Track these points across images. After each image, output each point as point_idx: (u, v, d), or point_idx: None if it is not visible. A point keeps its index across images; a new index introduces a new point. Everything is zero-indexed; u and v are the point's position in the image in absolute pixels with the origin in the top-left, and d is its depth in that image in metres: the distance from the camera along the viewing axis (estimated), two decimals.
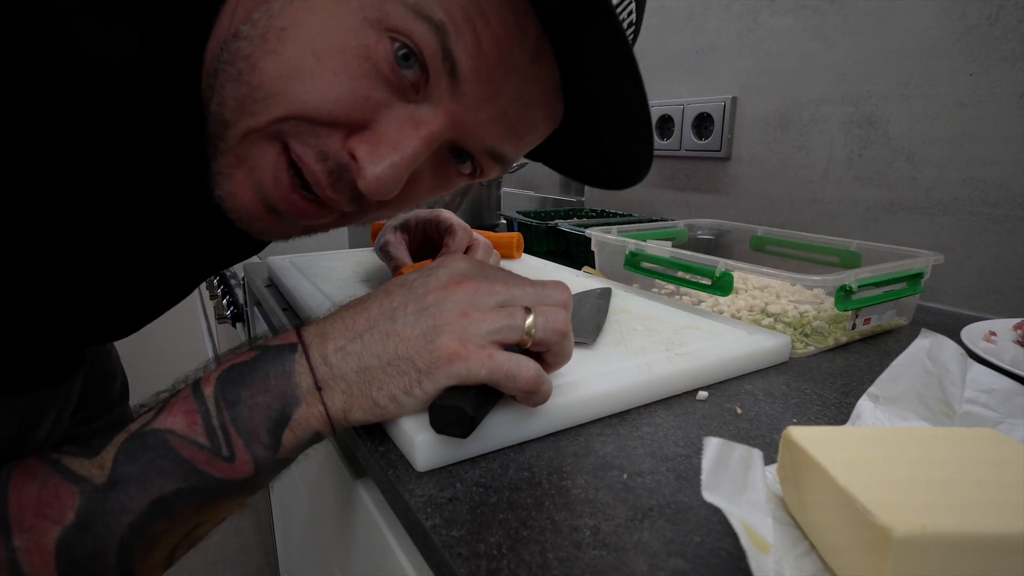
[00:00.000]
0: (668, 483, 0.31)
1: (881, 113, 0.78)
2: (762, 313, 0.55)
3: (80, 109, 0.28)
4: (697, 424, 0.38)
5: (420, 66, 0.31)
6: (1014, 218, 0.67)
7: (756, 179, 0.96)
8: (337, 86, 0.31)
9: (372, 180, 0.32)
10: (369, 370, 0.31)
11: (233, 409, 0.30)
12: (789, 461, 0.28)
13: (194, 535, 0.31)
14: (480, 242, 0.63)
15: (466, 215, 1.10)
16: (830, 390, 0.44)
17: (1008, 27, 0.65)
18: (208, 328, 1.91)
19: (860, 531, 0.22)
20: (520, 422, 0.35)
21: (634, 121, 0.33)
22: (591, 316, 0.51)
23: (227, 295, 1.12)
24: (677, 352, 0.45)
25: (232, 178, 0.33)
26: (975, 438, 0.28)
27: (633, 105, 0.32)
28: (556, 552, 0.26)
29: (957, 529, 0.21)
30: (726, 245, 0.81)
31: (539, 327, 0.32)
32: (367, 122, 0.32)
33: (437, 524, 0.28)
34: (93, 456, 0.29)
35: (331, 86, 0.31)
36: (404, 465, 0.33)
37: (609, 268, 0.71)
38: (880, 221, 0.79)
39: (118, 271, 0.34)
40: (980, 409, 0.37)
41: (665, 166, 1.12)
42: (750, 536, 0.23)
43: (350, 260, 0.76)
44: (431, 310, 0.32)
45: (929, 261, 0.58)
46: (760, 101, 0.93)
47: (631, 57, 0.29)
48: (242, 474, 0.30)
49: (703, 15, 1.01)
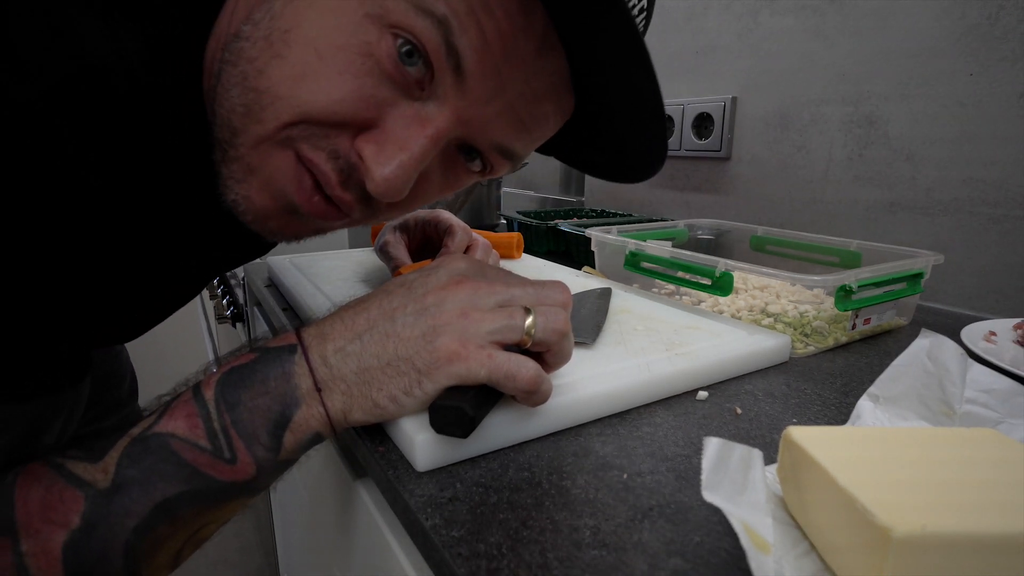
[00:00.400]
0: (668, 483, 0.31)
1: (881, 113, 0.78)
2: (762, 313, 0.55)
3: (80, 111, 0.28)
4: (697, 424, 0.38)
5: (424, 62, 0.31)
6: (1014, 218, 0.67)
7: (756, 179, 0.95)
8: (342, 86, 0.30)
9: (381, 181, 0.31)
10: (369, 371, 0.31)
11: (234, 412, 0.30)
12: (789, 461, 0.28)
13: (198, 536, 0.31)
14: (479, 242, 0.63)
15: (466, 215, 1.10)
16: (830, 390, 0.44)
17: (1008, 27, 0.65)
18: (208, 328, 1.91)
19: (860, 531, 0.22)
20: (520, 422, 0.35)
21: (646, 113, 0.33)
22: (591, 316, 0.51)
23: (227, 295, 1.12)
24: (677, 352, 0.45)
25: (246, 183, 0.33)
26: (975, 438, 0.28)
27: (645, 96, 0.31)
28: (556, 552, 0.26)
29: (957, 529, 0.21)
30: (726, 245, 0.81)
31: (539, 327, 0.32)
32: (373, 121, 0.32)
33: (437, 524, 0.28)
34: (96, 460, 0.29)
35: (336, 86, 0.30)
36: (404, 465, 0.33)
37: (609, 268, 0.71)
38: (880, 221, 0.79)
39: (123, 274, 0.34)
40: (980, 409, 0.37)
41: (665, 166, 1.11)
42: (750, 536, 0.23)
43: (350, 260, 0.76)
44: (431, 310, 0.32)
45: (929, 261, 0.58)
46: (760, 101, 0.93)
47: (642, 47, 0.28)
48: (244, 476, 0.30)
49: (703, 15, 1.01)
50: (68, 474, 0.29)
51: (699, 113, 1.02)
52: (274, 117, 0.31)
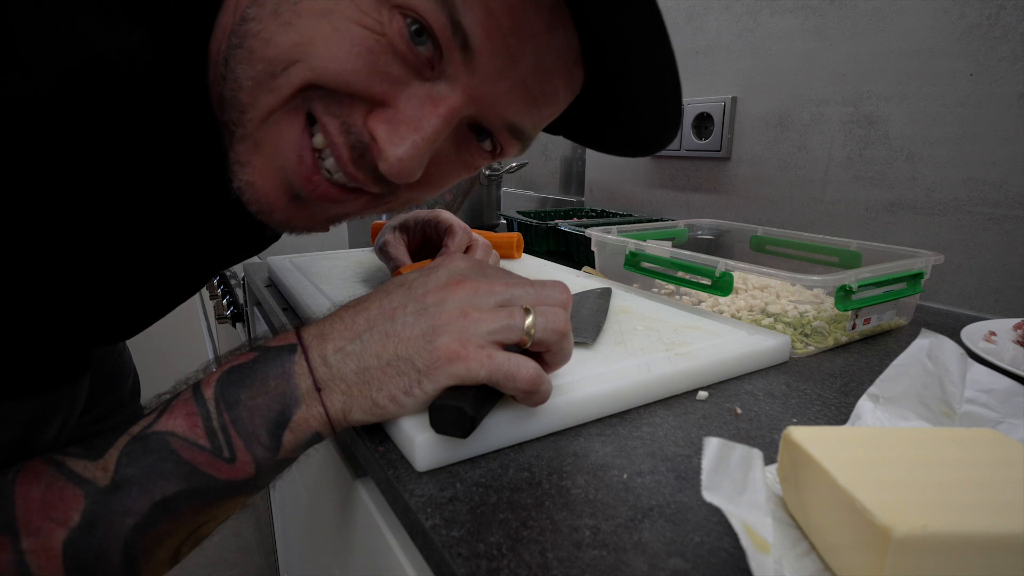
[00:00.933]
0: (668, 483, 0.31)
1: (881, 113, 0.78)
2: (762, 313, 0.55)
3: (82, 106, 0.28)
4: (697, 424, 0.38)
5: (433, 42, 0.31)
6: (1014, 218, 0.67)
7: (756, 179, 0.95)
8: (355, 57, 0.30)
9: (395, 162, 0.31)
10: (368, 371, 0.31)
11: (233, 411, 0.30)
12: (789, 461, 0.28)
13: (198, 534, 0.31)
14: (479, 242, 0.63)
15: (466, 215, 1.10)
16: (830, 390, 0.44)
17: (1008, 27, 0.65)
18: (208, 328, 1.91)
19: (860, 531, 0.22)
20: (520, 422, 0.35)
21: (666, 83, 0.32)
22: (591, 316, 0.51)
23: (227, 295, 1.12)
24: (677, 352, 0.45)
25: (251, 166, 0.33)
26: (975, 438, 0.28)
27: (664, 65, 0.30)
28: (556, 552, 0.26)
29: (957, 529, 0.21)
30: (726, 245, 0.81)
31: (539, 327, 0.32)
32: (386, 99, 0.32)
33: (437, 524, 0.28)
34: (96, 458, 0.29)
35: (349, 56, 0.30)
36: (404, 465, 0.33)
37: (609, 268, 0.71)
38: (880, 221, 0.79)
39: (123, 268, 0.34)
40: (980, 409, 0.37)
41: (665, 166, 1.12)
42: (750, 536, 0.23)
43: (350, 260, 0.76)
44: (431, 310, 0.32)
45: (929, 261, 0.58)
46: (760, 101, 0.93)
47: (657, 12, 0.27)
48: (243, 475, 0.30)
49: (703, 15, 1.01)
50: (68, 472, 0.29)
51: (699, 113, 1.02)
52: (287, 83, 0.31)
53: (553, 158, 1.47)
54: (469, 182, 1.02)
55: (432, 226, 0.64)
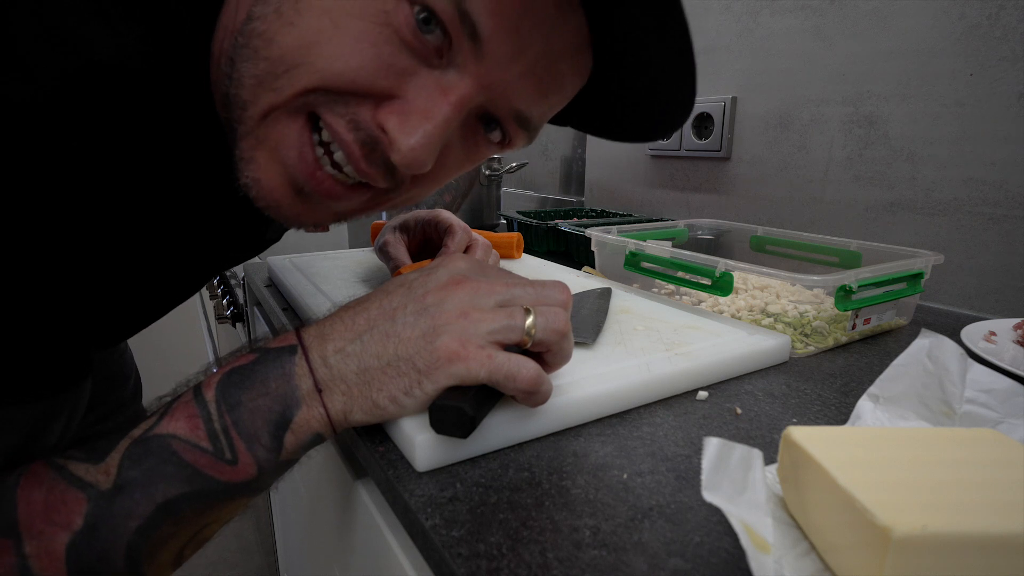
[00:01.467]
0: (668, 483, 0.31)
1: (881, 113, 0.78)
2: (762, 313, 0.55)
3: (82, 110, 0.28)
4: (697, 424, 0.38)
5: (441, 29, 0.30)
6: (1014, 218, 0.67)
7: (756, 179, 0.96)
8: (360, 53, 0.30)
9: (407, 152, 0.31)
10: (369, 371, 0.31)
11: (234, 412, 0.30)
12: (789, 461, 0.28)
13: (200, 536, 0.31)
14: (479, 242, 0.63)
15: (466, 215, 1.10)
16: (830, 390, 0.44)
17: (1008, 27, 0.65)
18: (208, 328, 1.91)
19: (860, 531, 0.22)
20: (520, 422, 0.35)
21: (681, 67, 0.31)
22: (591, 316, 0.51)
23: (227, 295, 1.12)
24: (677, 352, 0.45)
25: (255, 162, 0.33)
26: (975, 438, 0.28)
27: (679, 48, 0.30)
28: (556, 552, 0.26)
29: (957, 529, 0.21)
30: (726, 245, 0.81)
31: (539, 327, 0.32)
32: (394, 91, 0.31)
33: (437, 524, 0.28)
34: (98, 461, 0.29)
35: (354, 53, 0.30)
36: (404, 465, 0.33)
37: (609, 268, 0.71)
38: (880, 221, 0.79)
39: (125, 272, 0.34)
40: (980, 409, 0.37)
41: (665, 166, 1.12)
42: (750, 536, 0.23)
43: (350, 260, 0.76)
44: (431, 310, 0.32)
45: (929, 261, 0.58)
46: (760, 101, 0.93)
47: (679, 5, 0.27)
48: (245, 477, 0.30)
49: (703, 15, 1.01)
50: (70, 475, 0.29)
51: (699, 113, 1.02)
52: (289, 85, 0.30)
53: (553, 158, 1.47)
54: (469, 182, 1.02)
55: (432, 226, 0.64)
